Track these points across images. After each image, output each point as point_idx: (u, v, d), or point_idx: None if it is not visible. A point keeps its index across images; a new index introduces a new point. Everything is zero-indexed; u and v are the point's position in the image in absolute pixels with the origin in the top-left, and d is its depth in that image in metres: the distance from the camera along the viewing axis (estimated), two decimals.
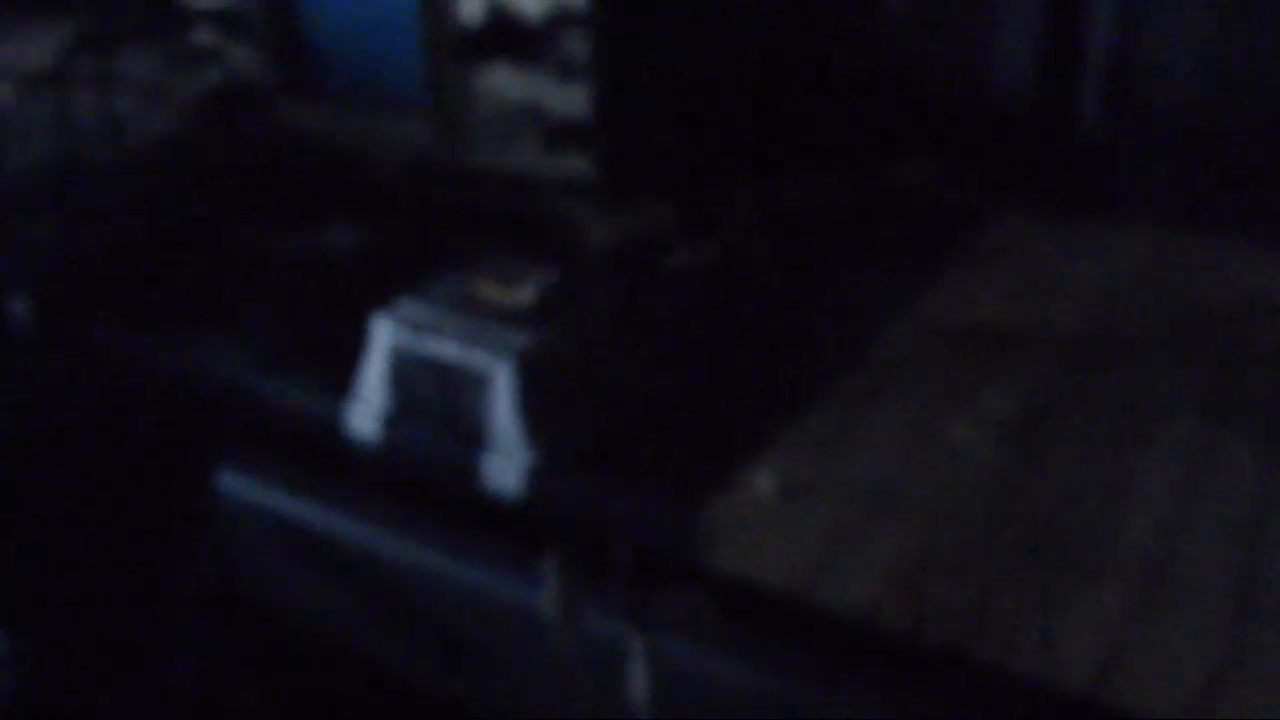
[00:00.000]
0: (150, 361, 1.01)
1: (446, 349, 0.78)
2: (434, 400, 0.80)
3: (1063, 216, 1.11)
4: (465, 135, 1.18)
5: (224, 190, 1.22)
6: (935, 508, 0.67)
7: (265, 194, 1.26)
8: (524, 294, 0.80)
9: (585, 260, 1.09)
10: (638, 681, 0.70)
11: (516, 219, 1.17)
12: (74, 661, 0.96)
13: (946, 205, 1.19)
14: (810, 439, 0.73)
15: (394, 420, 0.82)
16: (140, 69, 1.39)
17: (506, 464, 0.76)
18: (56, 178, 1.18)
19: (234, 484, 0.93)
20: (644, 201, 1.17)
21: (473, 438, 0.77)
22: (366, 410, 0.83)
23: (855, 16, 1.46)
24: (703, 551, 0.68)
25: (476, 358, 0.76)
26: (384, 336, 0.81)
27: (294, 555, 0.92)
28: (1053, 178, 1.25)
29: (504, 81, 1.13)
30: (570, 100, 1.11)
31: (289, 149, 1.29)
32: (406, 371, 0.81)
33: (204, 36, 1.33)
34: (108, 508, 1.05)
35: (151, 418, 1.02)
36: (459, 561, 0.77)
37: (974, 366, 0.81)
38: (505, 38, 1.12)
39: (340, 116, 1.28)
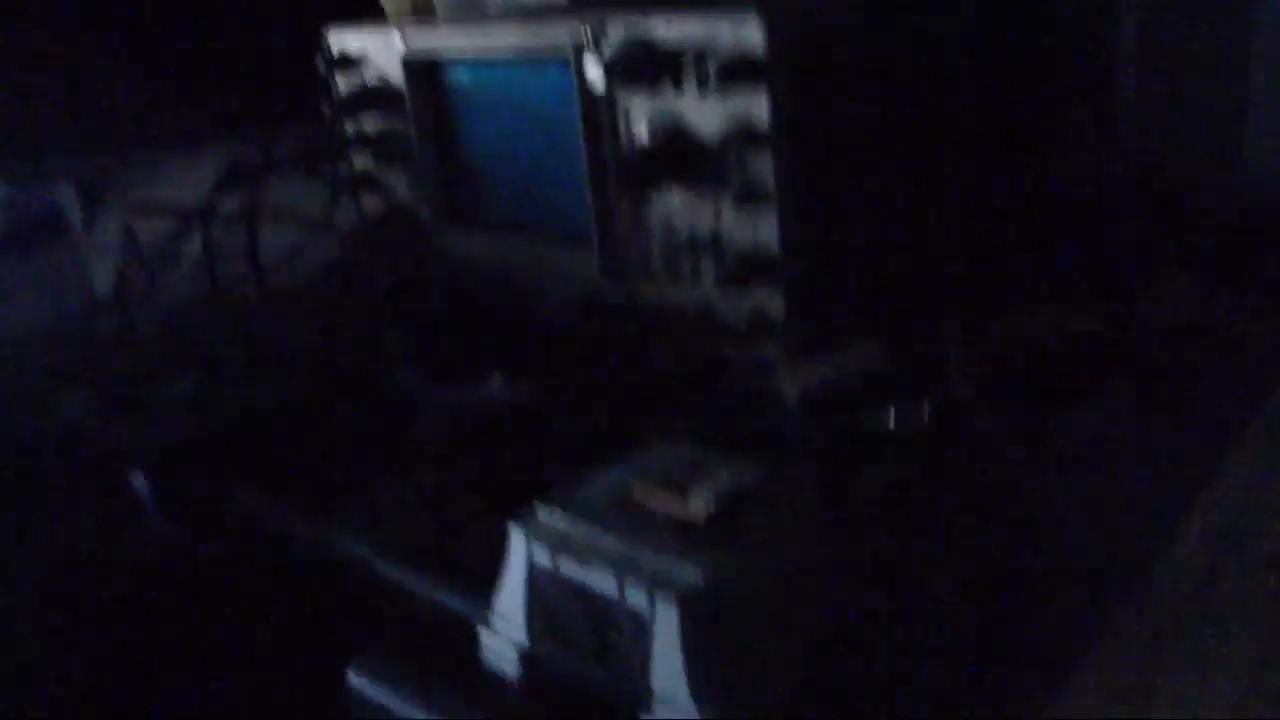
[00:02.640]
0: (279, 542, 0.90)
1: (595, 579, 0.62)
2: (584, 635, 0.65)
3: None
4: (636, 269, 1.04)
5: (374, 332, 1.11)
6: None
7: (419, 333, 1.15)
8: (698, 504, 0.64)
9: (781, 424, 0.92)
10: None
11: (696, 366, 1.02)
12: None
13: (1219, 340, 0.97)
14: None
15: (535, 653, 0.67)
16: (300, 200, 1.31)
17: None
18: (195, 328, 1.09)
19: (365, 685, 0.80)
20: (843, 344, 1.00)
21: (632, 689, 0.61)
22: (504, 633, 0.68)
23: (1084, 118, 1.26)
24: None
25: (633, 593, 0.61)
26: (520, 551, 0.66)
27: None
28: None
29: (679, 210, 0.99)
30: (754, 229, 0.96)
31: (448, 283, 1.18)
32: (549, 595, 0.66)
33: (363, 164, 1.24)
34: (236, 699, 0.94)
35: (280, 603, 0.90)
36: None
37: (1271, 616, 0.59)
38: (679, 161, 0.98)
39: (503, 247, 1.16)
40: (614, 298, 1.07)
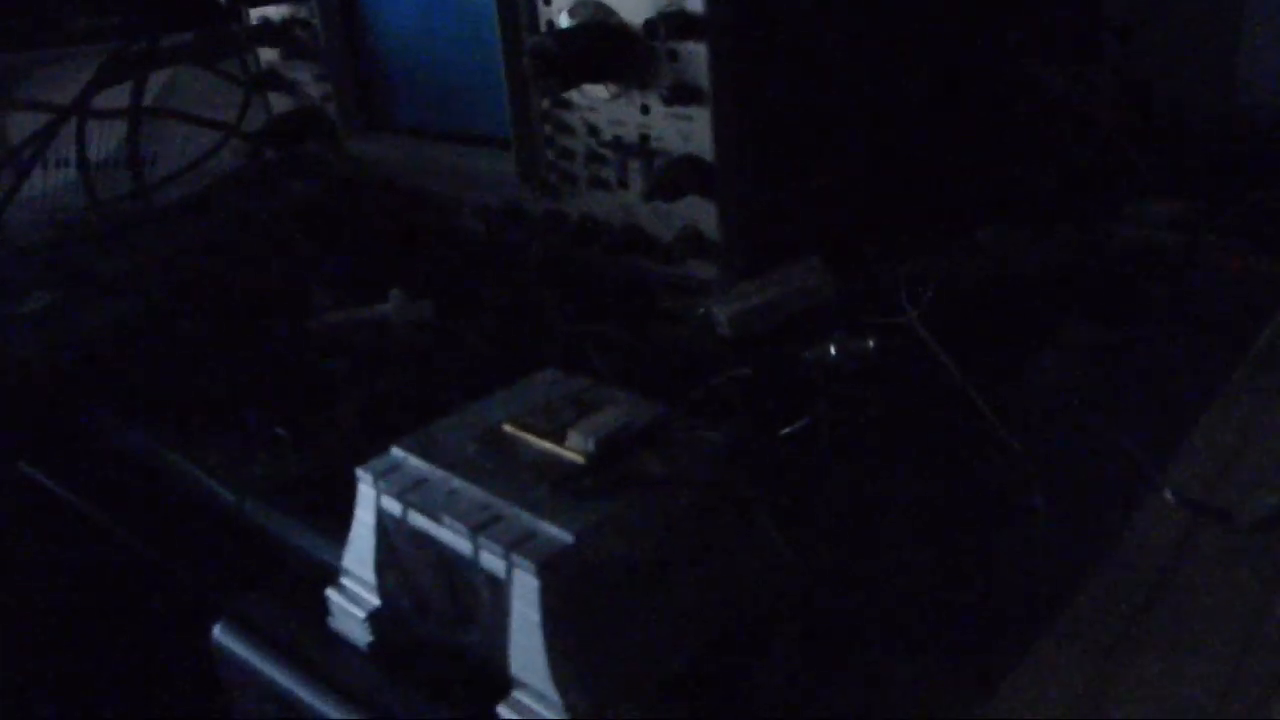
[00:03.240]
0: (146, 473, 0.79)
1: (447, 534, 0.51)
2: (439, 599, 0.54)
3: None
4: (558, 177, 0.92)
5: (262, 244, 0.99)
6: None
7: (322, 248, 1.03)
8: (575, 444, 0.53)
9: (708, 352, 0.81)
10: None
11: (624, 287, 0.91)
12: None
13: (1197, 269, 0.86)
14: None
15: (385, 617, 0.57)
16: (197, 99, 1.18)
17: (532, 713, 0.49)
18: (68, 240, 0.97)
19: (231, 641, 0.70)
20: (789, 267, 0.89)
21: (489, 661, 0.51)
22: (354, 600, 0.58)
23: (1065, 24, 1.14)
24: None
25: (488, 556, 0.50)
26: (367, 499, 0.56)
27: None
28: None
29: (605, 109, 0.87)
30: (687, 133, 0.84)
31: (354, 189, 1.06)
32: (402, 554, 0.55)
33: (268, 58, 1.11)
34: (100, 644, 0.84)
35: (146, 538, 0.80)
36: None
37: (1252, 594, 0.48)
38: (604, 53, 0.86)
39: (416, 151, 1.04)
40: (533, 207, 0.96)
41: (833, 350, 0.77)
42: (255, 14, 1.12)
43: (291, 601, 0.67)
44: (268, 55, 1.14)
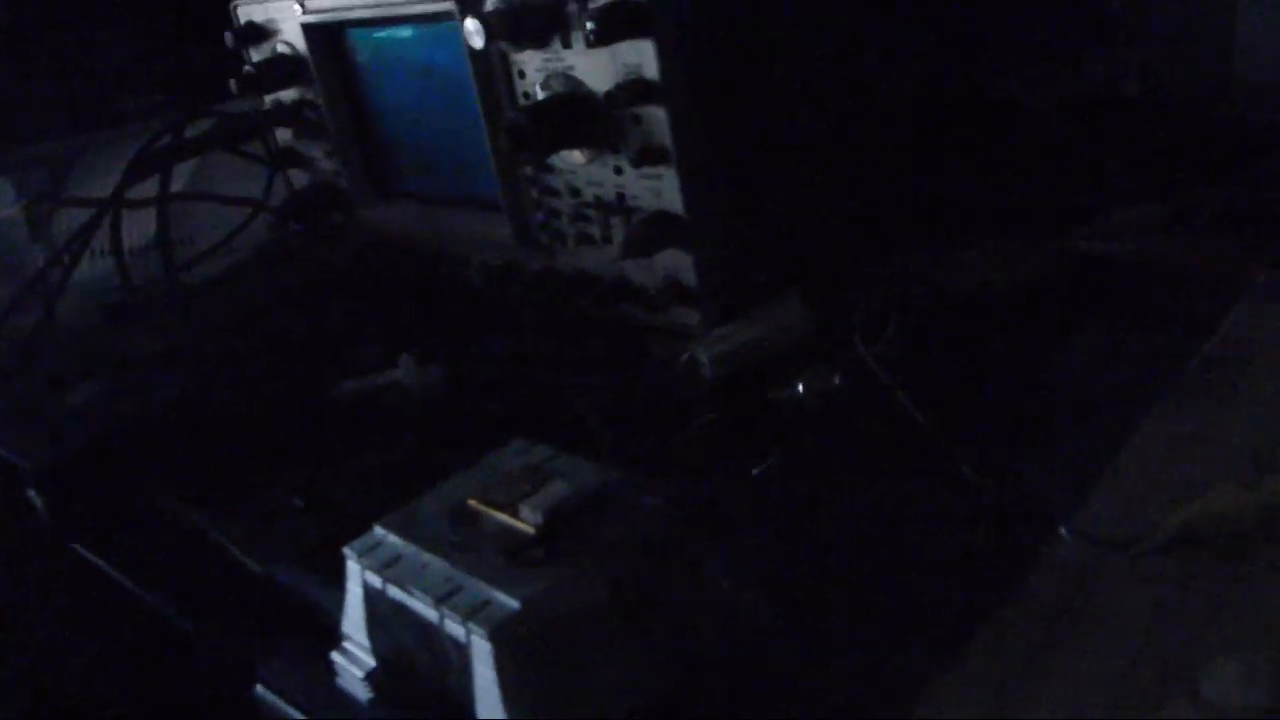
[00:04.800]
0: (180, 551, 0.87)
1: (416, 604, 0.58)
2: (421, 661, 0.60)
3: None
4: (548, 236, 0.98)
5: (288, 315, 1.06)
6: None
7: (338, 313, 1.10)
8: (526, 516, 0.59)
9: (697, 394, 0.86)
10: None
11: (614, 337, 0.96)
12: None
13: (1167, 279, 0.88)
14: None
15: (382, 677, 0.63)
16: (228, 181, 1.27)
17: None
18: (106, 326, 1.06)
19: (269, 696, 0.78)
20: (774, 305, 0.93)
21: (467, 713, 0.57)
22: (353, 660, 0.65)
23: (1045, 29, 1.17)
24: None
25: (450, 624, 0.56)
26: (354, 574, 0.62)
27: None
28: None
29: (583, 172, 0.93)
30: (657, 190, 0.89)
31: (367, 255, 1.13)
32: (386, 620, 0.62)
33: (284, 138, 1.19)
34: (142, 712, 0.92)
35: (184, 612, 0.87)
36: None
37: (1187, 611, 0.50)
38: (575, 121, 0.91)
39: (419, 218, 1.11)
40: (530, 265, 1.02)
41: (800, 389, 0.81)
42: (269, 98, 1.19)
43: (317, 661, 0.74)
44: (284, 135, 1.22)
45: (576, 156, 0.92)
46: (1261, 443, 0.60)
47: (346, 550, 0.62)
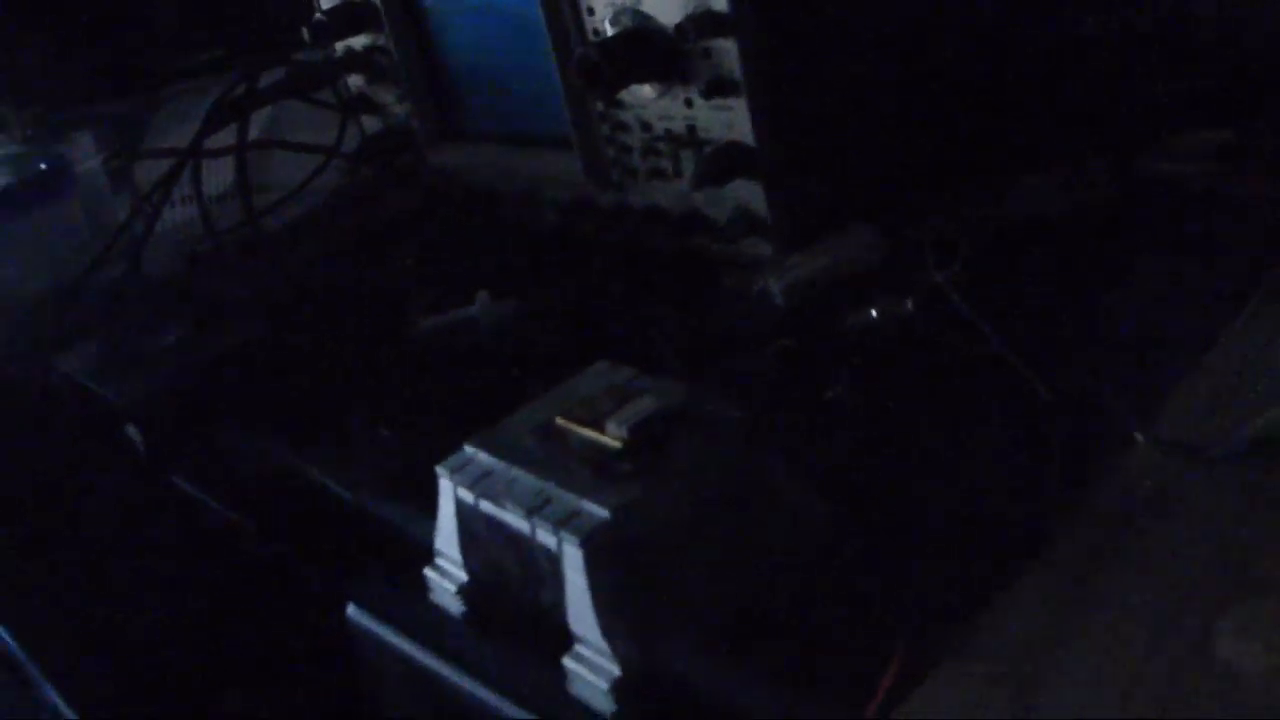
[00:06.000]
0: (269, 480, 0.90)
1: (510, 517, 0.60)
2: (512, 574, 0.63)
3: None
4: (617, 170, 1.00)
5: (371, 258, 1.09)
6: None
7: (420, 255, 1.13)
8: (614, 431, 0.61)
9: (767, 321, 0.87)
10: None
11: (689, 266, 0.98)
12: None
13: (1232, 206, 0.88)
14: (995, 661, 0.49)
15: (474, 590, 0.66)
16: (302, 127, 1.30)
17: (591, 673, 0.58)
18: (192, 272, 1.10)
19: (363, 619, 0.81)
20: (842, 235, 0.94)
21: (556, 629, 0.59)
22: (447, 575, 0.67)
23: None
24: None
25: (542, 533, 0.58)
26: (447, 491, 0.65)
27: (423, 700, 0.79)
28: None
29: (653, 106, 0.94)
30: (727, 122, 0.90)
31: (439, 196, 1.15)
32: (478, 535, 0.64)
33: (355, 83, 1.21)
34: (239, 636, 0.96)
35: (272, 538, 0.91)
36: None
37: (1262, 520, 0.50)
38: (645, 55, 0.92)
39: (492, 158, 1.13)
40: (601, 201, 1.04)
41: (873, 314, 0.82)
42: (340, 45, 1.22)
43: (406, 581, 0.77)
44: (356, 81, 1.24)
45: (646, 91, 0.93)
46: None
47: (439, 468, 0.64)
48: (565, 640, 0.59)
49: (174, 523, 0.92)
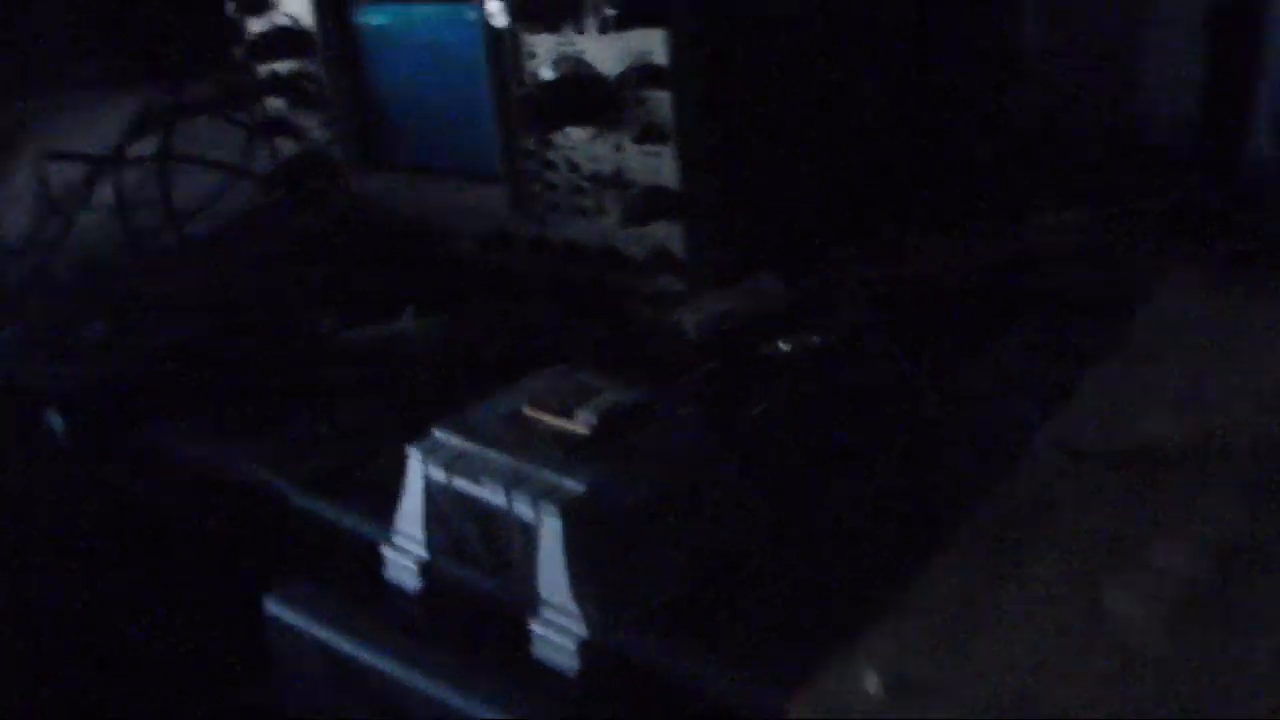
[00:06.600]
0: (194, 475, 0.92)
1: (485, 492, 0.66)
2: (477, 547, 0.68)
3: (1235, 283, 0.93)
4: (541, 206, 1.07)
5: (290, 274, 1.12)
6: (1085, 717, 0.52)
7: (334, 274, 1.17)
8: (581, 420, 0.68)
9: (680, 352, 0.96)
10: None
11: (605, 300, 1.05)
12: None
13: (1092, 268, 1.02)
14: (923, 618, 0.58)
15: (433, 568, 0.71)
16: (213, 146, 1.32)
17: (558, 635, 0.64)
18: (110, 273, 1.11)
19: (281, 609, 0.83)
20: (748, 278, 1.04)
21: (522, 597, 0.65)
22: (405, 551, 0.72)
23: (982, 55, 1.30)
24: None
25: (520, 506, 0.64)
26: (417, 471, 0.70)
27: (343, 688, 0.82)
28: (1218, 230, 1.07)
29: (584, 148, 1.01)
30: (655, 168, 0.99)
31: (360, 223, 1.20)
32: (445, 512, 0.69)
33: (275, 107, 1.25)
34: (155, 627, 0.96)
35: (197, 531, 0.93)
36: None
37: (1136, 506, 0.62)
38: (581, 100, 1.00)
39: (415, 188, 1.18)
40: (522, 233, 1.10)
41: (783, 346, 0.92)
42: (263, 68, 1.25)
43: (332, 574, 0.80)
44: (274, 104, 1.28)
45: (579, 133, 1.01)
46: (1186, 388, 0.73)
47: (410, 449, 0.69)
48: (523, 611, 0.64)
49: (94, 513, 0.92)
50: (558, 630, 0.62)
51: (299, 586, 0.82)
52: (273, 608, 0.82)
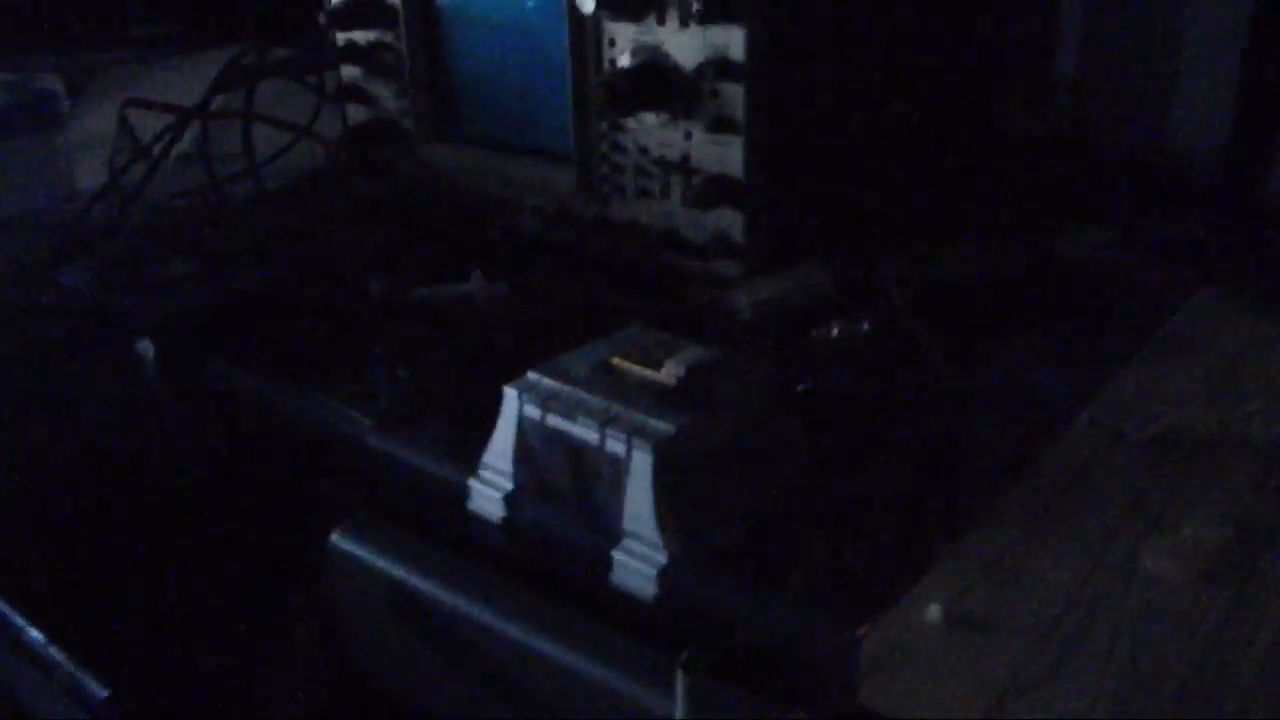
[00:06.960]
0: (272, 411, 0.98)
1: (579, 429, 0.72)
2: (565, 483, 0.74)
3: (1257, 302, 1.01)
4: (609, 187, 1.13)
5: (361, 233, 1.19)
6: (1125, 654, 0.58)
7: (403, 238, 1.23)
8: (670, 371, 0.74)
9: (734, 330, 1.02)
10: None
11: (662, 279, 1.12)
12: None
13: (1121, 282, 1.09)
14: (979, 562, 0.66)
15: (519, 499, 0.77)
16: (290, 107, 1.38)
17: (639, 563, 0.70)
18: (193, 217, 1.17)
19: (348, 545, 0.89)
20: (797, 266, 1.10)
21: (605, 528, 0.71)
22: (492, 485, 0.78)
23: (1024, 75, 1.38)
24: (855, 684, 0.61)
25: (612, 442, 0.71)
26: (512, 409, 0.76)
27: (406, 626, 0.88)
28: (1242, 254, 1.15)
29: (654, 133, 1.08)
30: (721, 156, 1.05)
31: (429, 192, 1.26)
32: (536, 449, 0.75)
33: (350, 75, 1.31)
34: (219, 560, 1.02)
35: (271, 469, 0.99)
36: (582, 656, 0.71)
37: (1166, 482, 0.70)
38: (656, 88, 1.07)
39: (484, 161, 1.24)
40: (586, 212, 1.17)
41: (834, 331, 0.98)
42: (341, 36, 1.32)
43: (401, 513, 0.86)
44: (348, 71, 1.34)
45: (651, 119, 1.07)
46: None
47: (507, 388, 0.75)
48: (603, 543, 0.70)
49: (179, 444, 0.98)
50: (639, 558, 0.68)
51: (366, 523, 0.88)
52: (340, 543, 0.87)
